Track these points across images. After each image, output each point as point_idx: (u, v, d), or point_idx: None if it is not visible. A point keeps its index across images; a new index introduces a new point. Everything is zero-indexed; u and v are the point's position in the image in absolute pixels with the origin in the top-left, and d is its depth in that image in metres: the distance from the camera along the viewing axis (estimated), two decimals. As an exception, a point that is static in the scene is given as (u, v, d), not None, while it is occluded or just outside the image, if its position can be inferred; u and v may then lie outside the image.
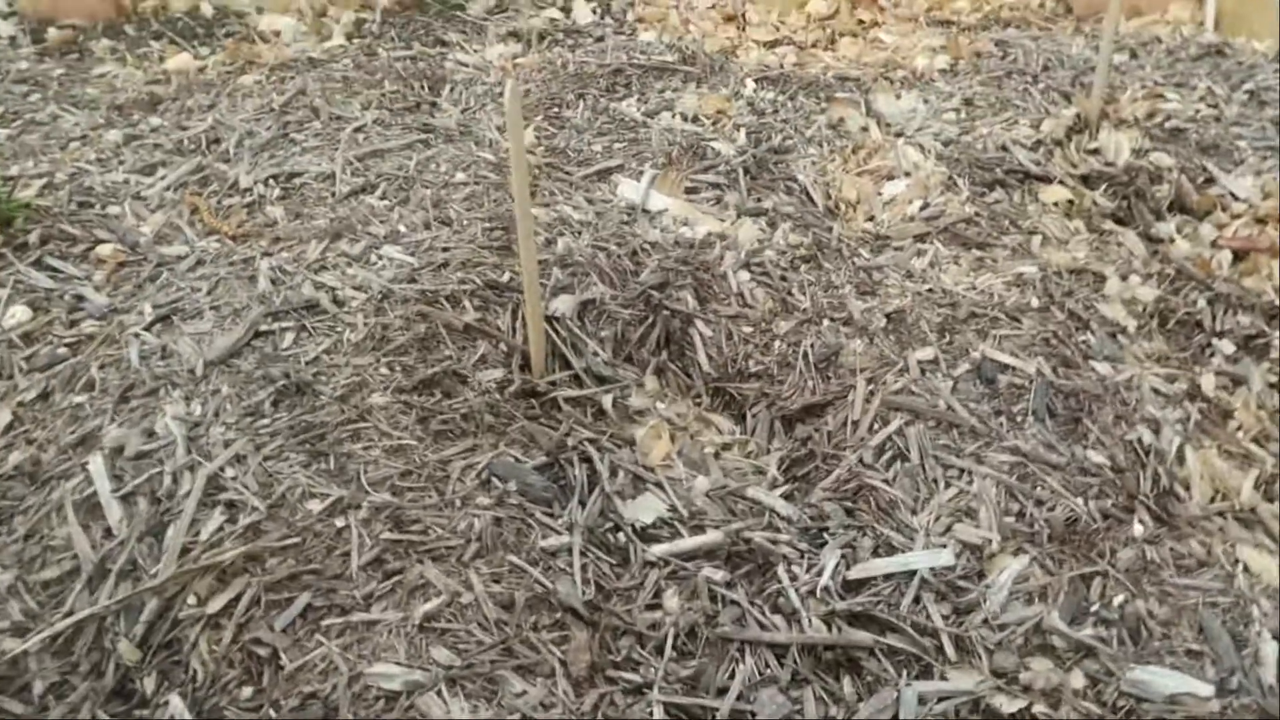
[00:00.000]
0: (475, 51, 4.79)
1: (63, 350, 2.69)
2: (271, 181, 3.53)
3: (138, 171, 3.71)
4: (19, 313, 2.87)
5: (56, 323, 2.82)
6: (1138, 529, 2.27)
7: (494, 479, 2.23)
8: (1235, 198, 3.45)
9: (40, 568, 2.10)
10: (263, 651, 1.92)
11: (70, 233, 3.25)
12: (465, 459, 2.26)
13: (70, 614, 1.99)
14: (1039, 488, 2.34)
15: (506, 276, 2.76)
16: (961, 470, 2.37)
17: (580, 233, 3.04)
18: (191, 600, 2.00)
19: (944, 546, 2.20)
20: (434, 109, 4.13)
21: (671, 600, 2.07)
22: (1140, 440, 2.49)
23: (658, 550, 2.17)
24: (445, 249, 2.89)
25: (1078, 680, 1.97)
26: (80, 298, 2.92)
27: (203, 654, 1.94)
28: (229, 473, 2.19)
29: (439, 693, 1.82)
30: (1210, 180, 3.55)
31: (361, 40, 4.97)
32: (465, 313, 2.62)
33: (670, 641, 1.98)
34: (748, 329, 2.76)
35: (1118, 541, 2.24)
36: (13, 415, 2.49)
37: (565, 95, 4.20)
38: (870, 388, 2.58)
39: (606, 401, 2.52)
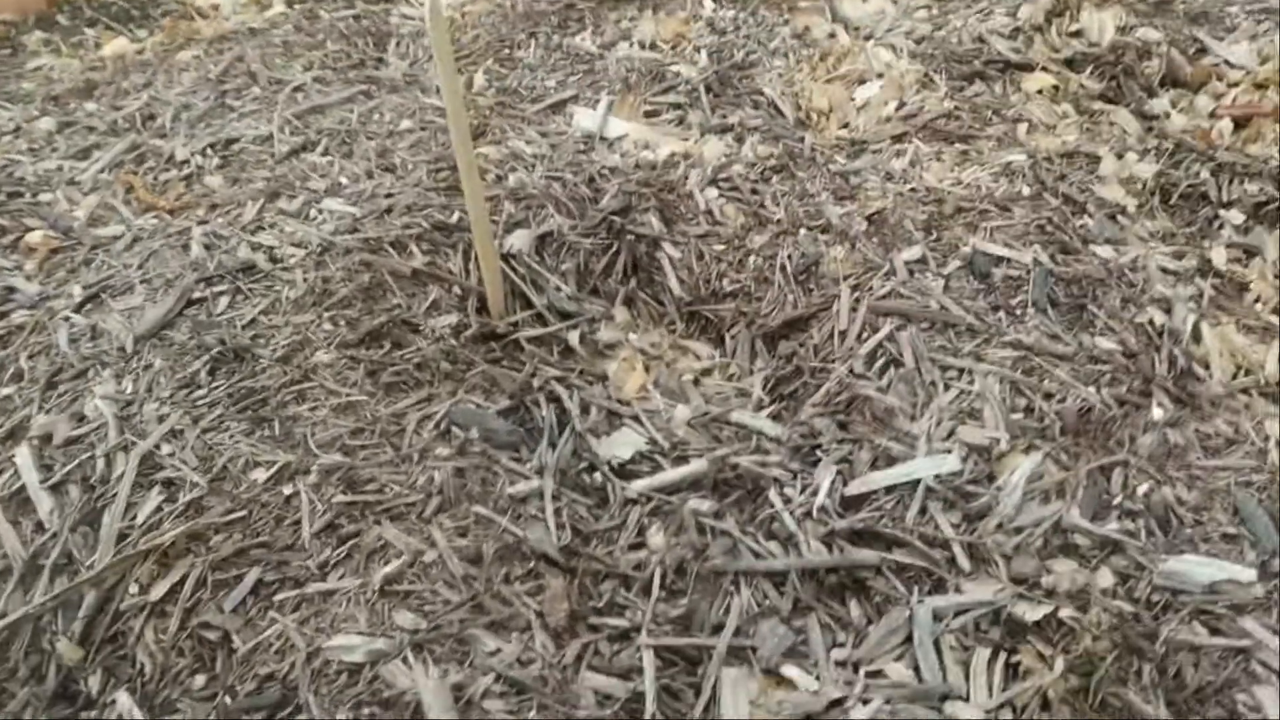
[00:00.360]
0: (420, 4, 4.56)
1: (-8, 344, 2.51)
2: (209, 151, 3.32)
3: (71, 157, 3.51)
4: (-54, 310, 2.69)
5: (-14, 316, 2.64)
6: (1157, 413, 2.08)
7: (453, 428, 2.05)
8: (1231, 65, 3.23)
9: (-30, 570, 1.93)
10: (213, 635, 1.75)
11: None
12: (421, 410, 2.08)
13: (3, 616, 1.82)
14: (1046, 380, 2.15)
15: (455, 217, 2.57)
16: (961, 370, 2.18)
17: (533, 166, 2.83)
18: (133, 589, 1.83)
19: (948, 452, 2.01)
20: (379, 64, 3.91)
21: (656, 537, 1.90)
22: (1152, 322, 2.30)
23: (638, 486, 1.99)
24: (389, 195, 2.69)
25: (1106, 579, 1.80)
26: (10, 289, 2.73)
27: (149, 645, 1.77)
28: (165, 449, 2.01)
29: (404, 660, 1.65)
30: (1203, 50, 3.32)
31: (303, 5, 4.74)
32: (412, 258, 2.43)
33: (657, 581, 1.81)
34: (719, 247, 2.57)
35: (1136, 428, 2.05)
36: (-59, 416, 2.32)
37: (516, 36, 3.97)
38: (855, 295, 2.39)
39: (573, 338, 2.34)
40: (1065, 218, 2.60)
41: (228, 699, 1.67)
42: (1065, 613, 1.75)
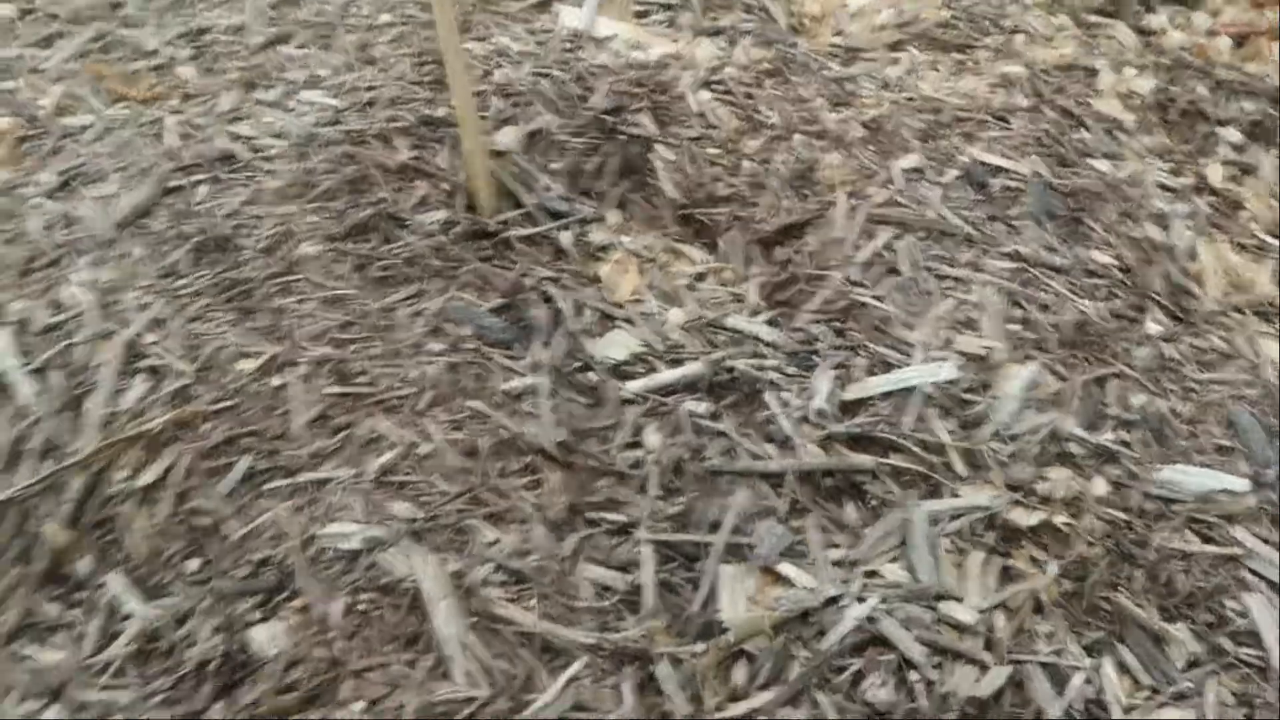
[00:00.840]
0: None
1: (-40, 232, 2.41)
2: (180, 41, 3.19)
3: (33, 45, 3.36)
4: (-91, 197, 2.58)
5: (-48, 204, 2.53)
6: (1152, 327, 2.09)
7: (446, 324, 2.01)
8: (1228, -16, 3.20)
9: (-51, 456, 1.87)
10: (205, 521, 1.72)
11: (-39, 112, 2.93)
12: (411, 305, 2.03)
13: (-14, 501, 1.78)
14: (1043, 292, 2.15)
15: (442, 111, 2.49)
16: (958, 280, 2.17)
17: (520, 62, 2.75)
18: (122, 474, 1.78)
19: (945, 360, 2.01)
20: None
21: (652, 437, 1.88)
22: (1148, 237, 2.30)
23: (634, 386, 1.97)
24: (371, 88, 2.60)
25: (1100, 487, 1.81)
26: (-25, 175, 2.63)
27: (140, 529, 1.73)
28: (148, 338, 1.95)
29: (402, 547, 1.62)
30: (1200, -32, 3.28)
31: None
32: (398, 152, 2.35)
33: (654, 479, 1.80)
34: (713, 150, 2.52)
35: (1131, 341, 2.06)
36: (-90, 304, 2.23)
37: (497, -68, 3.83)
38: (852, 202, 2.36)
39: (565, 238, 2.29)
40: (1063, 130, 2.58)
41: (222, 582, 1.65)
42: (1059, 519, 1.76)
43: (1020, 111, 2.61)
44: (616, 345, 2.06)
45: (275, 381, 1.88)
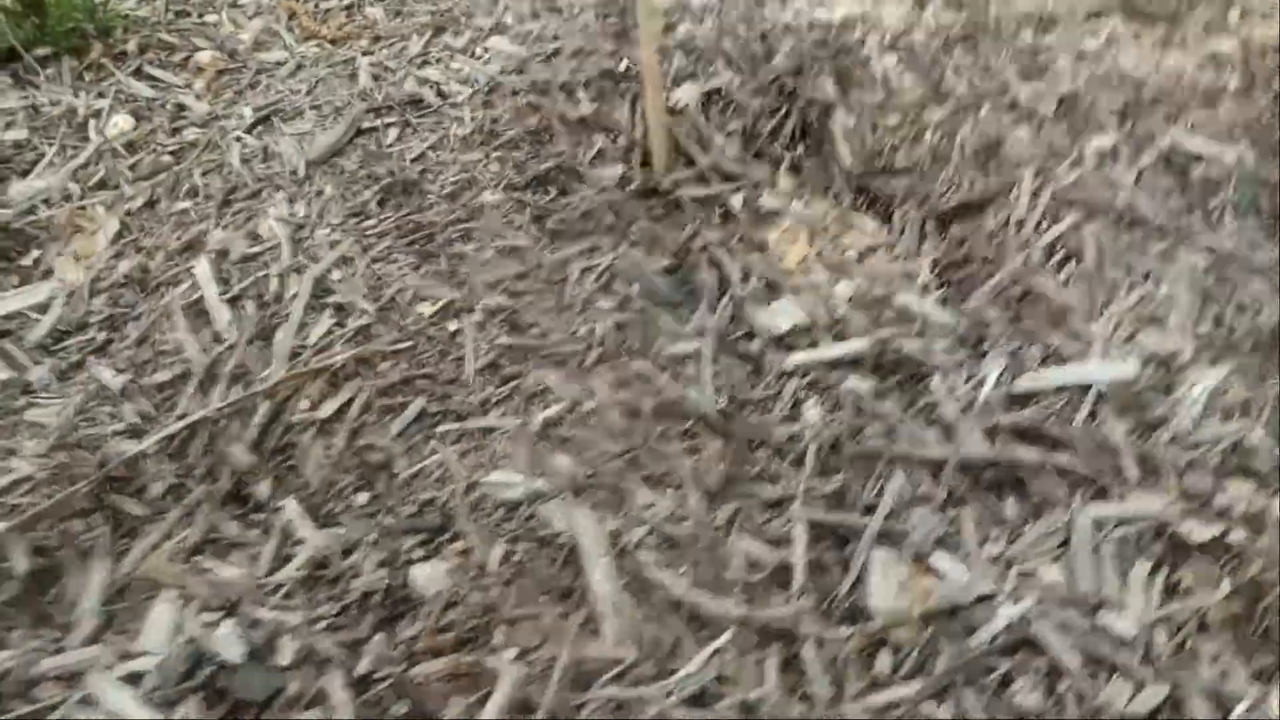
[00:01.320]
0: None
1: (166, 158, 2.58)
2: (371, -20, 3.29)
3: (234, -23, 3.52)
4: (121, 122, 2.76)
5: (159, 131, 2.71)
6: (1360, 338, 1.94)
7: (616, 281, 2.04)
8: None
9: (152, 371, 2.03)
10: (376, 457, 1.82)
11: (169, 41, 3.11)
12: (585, 260, 2.07)
13: (183, 417, 1.92)
14: (1240, 291, 2.02)
15: (624, 65, 2.50)
16: (1147, 273, 2.06)
17: (702, 18, 2.72)
18: (303, 405, 1.90)
19: (1127, 356, 1.92)
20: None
21: (812, 411, 1.87)
22: (1363, 239, 2.12)
23: (796, 359, 1.96)
24: (555, 38, 2.63)
25: (1284, 505, 1.71)
26: (181, 105, 2.80)
27: (316, 459, 1.85)
28: (335, 275, 2.05)
29: (562, 502, 1.68)
30: None
31: None
32: (579, 104, 2.38)
33: (811, 455, 1.80)
34: (894, 119, 2.45)
35: (1335, 352, 1.92)
36: (120, 224, 2.41)
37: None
38: (1038, 181, 2.26)
39: (735, 201, 2.28)
40: (1275, 116, 2.39)
41: (389, 518, 1.74)
42: (1236, 535, 1.68)
43: (1229, 94, 2.43)
44: (781, 315, 2.05)
45: (451, 326, 1.95)
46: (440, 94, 2.46)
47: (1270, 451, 1.77)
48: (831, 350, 1.98)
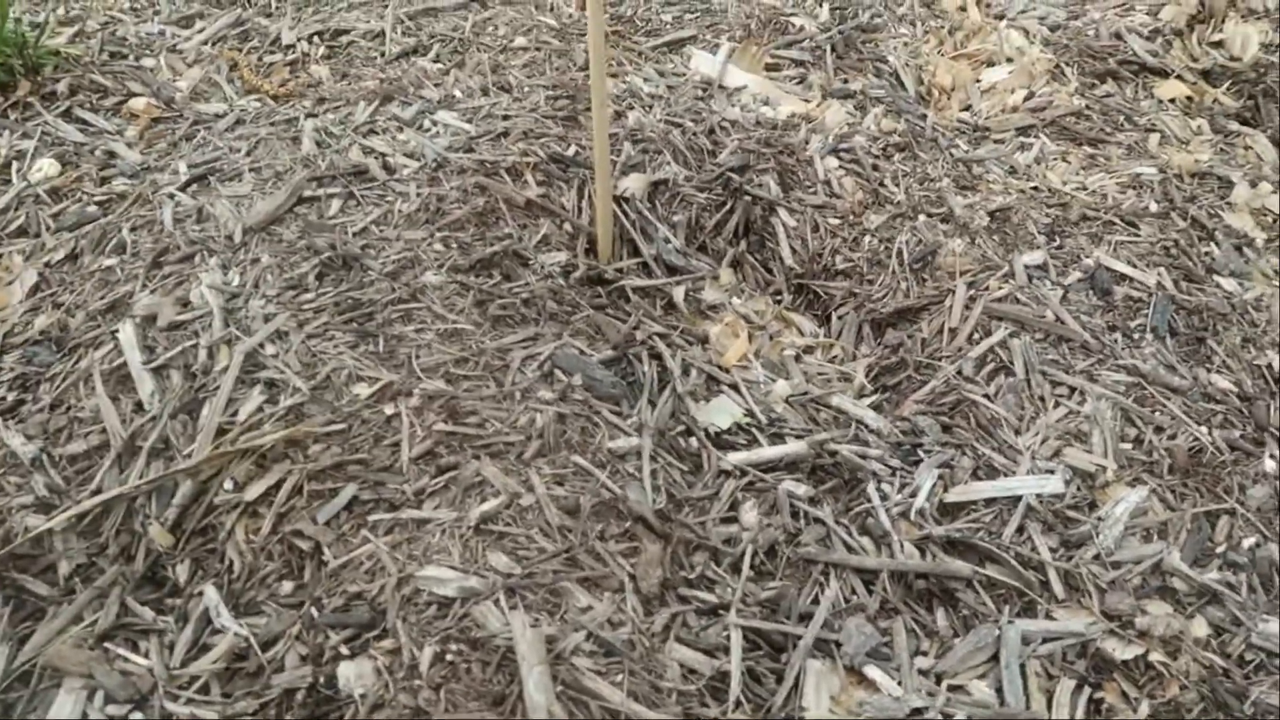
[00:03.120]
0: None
1: (93, 209, 2.49)
2: (316, 39, 3.27)
3: (174, 23, 3.46)
4: (46, 166, 2.67)
5: (86, 179, 2.61)
6: (1269, 464, 2.03)
7: (557, 371, 2.02)
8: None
9: (66, 440, 1.94)
10: (304, 545, 1.75)
11: (101, 84, 3.02)
12: (526, 348, 2.05)
13: (98, 492, 1.83)
14: (1158, 412, 2.10)
15: (572, 150, 2.51)
16: (1072, 389, 2.14)
17: (651, 107, 2.76)
18: (228, 485, 1.83)
19: (1053, 472, 1.98)
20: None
21: (749, 514, 1.88)
22: (1270, 366, 2.24)
23: (734, 458, 1.97)
24: (505, 117, 2.63)
25: (1200, 628, 1.77)
26: (111, 154, 2.71)
27: (240, 543, 1.78)
28: (269, 349, 1.99)
29: (496, 602, 1.64)
30: (1349, 82, 3.19)
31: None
32: (528, 187, 2.38)
33: (748, 560, 1.80)
34: (835, 221, 2.51)
35: (1247, 477, 2.01)
36: (39, 276, 2.31)
37: (633, -40, 3.86)
38: (971, 292, 2.33)
39: (678, 294, 2.30)
40: (1192, 242, 2.52)
41: (314, 610, 1.68)
42: (1155, 656, 1.73)
43: (1150, 217, 2.56)
44: (721, 412, 2.06)
45: (388, 410, 1.91)
46: (386, 167, 2.44)
47: (1186, 574, 1.83)
48: (770, 451, 1.99)
